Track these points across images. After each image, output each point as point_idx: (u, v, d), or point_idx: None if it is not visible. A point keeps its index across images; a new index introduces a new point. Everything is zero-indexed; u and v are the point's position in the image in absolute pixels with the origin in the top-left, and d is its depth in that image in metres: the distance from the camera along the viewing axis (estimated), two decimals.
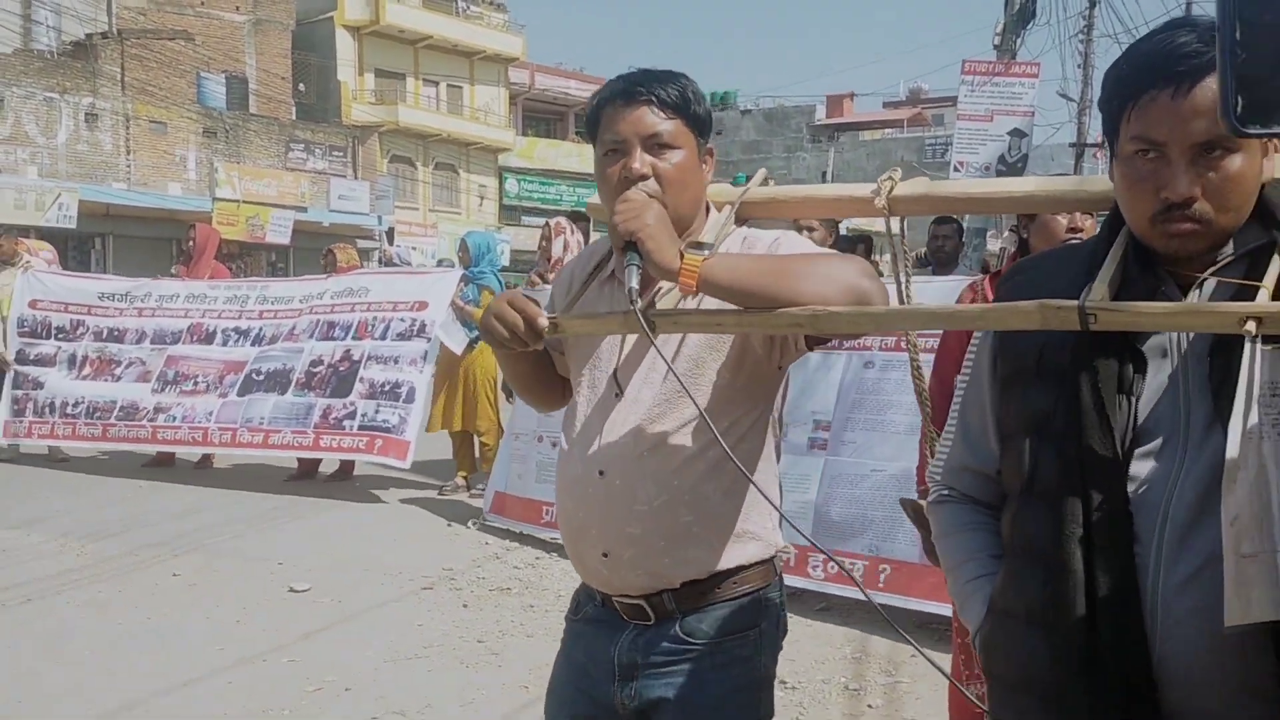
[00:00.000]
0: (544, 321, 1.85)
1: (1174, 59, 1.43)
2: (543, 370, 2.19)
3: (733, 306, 1.74)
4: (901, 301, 2.05)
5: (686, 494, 1.94)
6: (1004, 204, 2.08)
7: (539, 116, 47.10)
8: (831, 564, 5.20)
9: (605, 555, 1.98)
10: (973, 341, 1.78)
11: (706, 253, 1.76)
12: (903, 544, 4.99)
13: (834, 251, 1.95)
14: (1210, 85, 1.40)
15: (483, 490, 8.13)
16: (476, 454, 8.44)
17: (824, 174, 54.96)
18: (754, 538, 2.00)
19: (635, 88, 1.93)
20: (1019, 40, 14.97)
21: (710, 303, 1.81)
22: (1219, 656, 1.40)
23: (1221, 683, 1.41)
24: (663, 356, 1.80)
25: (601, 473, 1.97)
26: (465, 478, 8.35)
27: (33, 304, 9.50)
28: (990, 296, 3.39)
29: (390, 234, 35.93)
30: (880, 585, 5.16)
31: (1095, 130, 27.76)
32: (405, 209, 37.95)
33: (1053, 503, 1.52)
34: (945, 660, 4.33)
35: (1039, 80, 13.49)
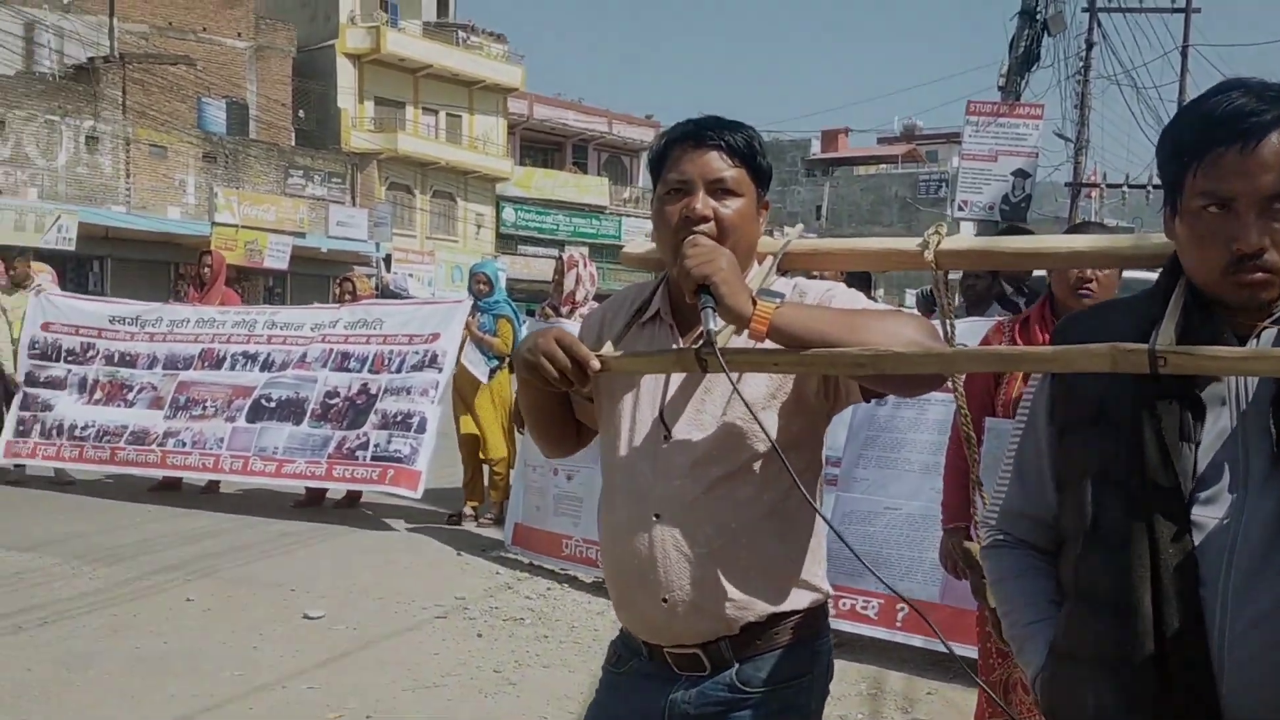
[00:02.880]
0: (596, 364, 1.86)
1: (1239, 117, 1.51)
2: (563, 411, 2.18)
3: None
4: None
5: (744, 537, 1.94)
6: (1051, 260, 2.12)
7: (537, 146, 47.33)
8: (844, 600, 5.23)
9: (664, 601, 1.96)
10: (1029, 387, 1.84)
11: (778, 300, 1.78)
12: (921, 582, 5.01)
13: (896, 308, 1.99)
14: (1274, 141, 1.50)
15: (491, 519, 8.19)
16: (486, 482, 8.48)
17: (818, 208, 55.24)
18: (808, 584, 2.01)
19: (705, 132, 1.96)
20: (1023, 82, 15.14)
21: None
22: None
23: None
24: (738, 391, 1.78)
25: (657, 516, 1.95)
26: (474, 507, 8.38)
27: (45, 326, 9.53)
28: (1020, 339, 3.45)
29: (388, 261, 36.04)
30: (898, 624, 5.20)
31: (1089, 170, 27.99)
32: (403, 236, 38.08)
33: (1118, 547, 1.56)
34: (969, 698, 4.39)
35: (1043, 121, 13.66)
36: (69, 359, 9.44)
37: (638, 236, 49.23)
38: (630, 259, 2.32)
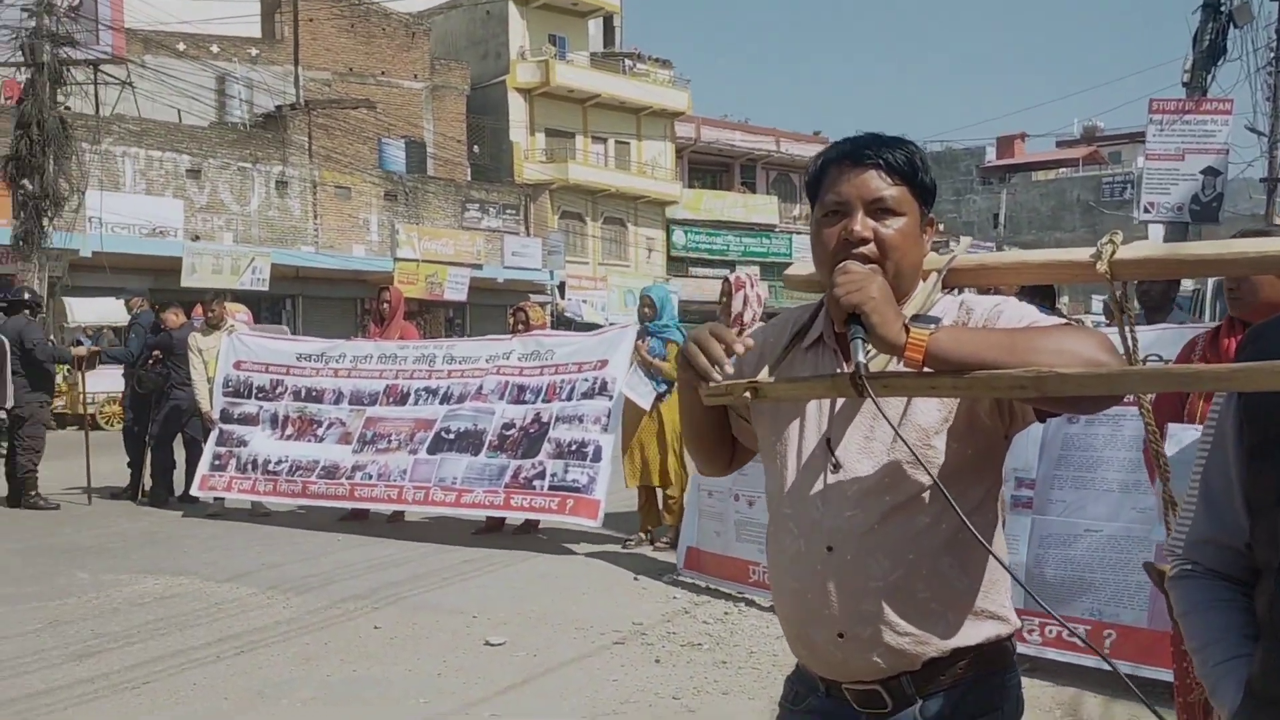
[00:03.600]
0: (740, 348, 1.82)
1: None
2: (717, 427, 2.14)
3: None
4: (1130, 363, 1.97)
5: (922, 568, 1.85)
6: (1242, 266, 1.98)
7: (705, 168, 47.54)
8: (1050, 627, 5.02)
9: (841, 636, 1.89)
10: (1214, 405, 1.71)
11: (933, 327, 1.70)
12: (1131, 609, 4.76)
13: (1065, 320, 1.87)
14: None
15: (667, 544, 8.18)
16: (660, 506, 8.49)
17: (995, 216, 53.92)
18: (992, 615, 1.92)
19: (863, 150, 1.90)
20: (1209, 77, 14.43)
21: None
22: None
23: None
24: (890, 423, 1.74)
25: (830, 548, 1.88)
26: (649, 531, 8.40)
27: (237, 365, 9.98)
28: (1208, 353, 3.27)
29: (562, 288, 36.68)
30: (1107, 651, 4.96)
31: None
32: (575, 263, 38.72)
33: None
34: None
35: (1233, 116, 13.00)
36: (259, 395, 9.85)
37: (808, 254, 48.77)
38: (794, 281, 2.26)
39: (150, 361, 10.58)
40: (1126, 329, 1.94)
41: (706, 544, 7.10)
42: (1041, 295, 5.80)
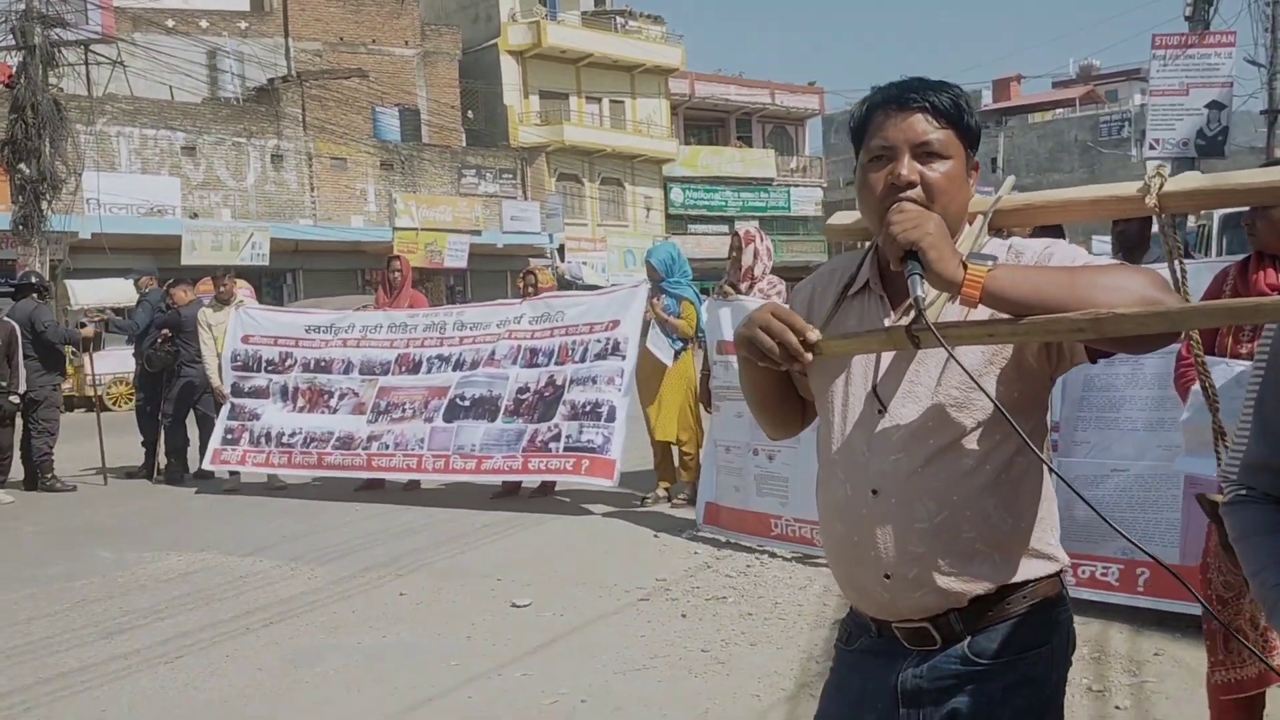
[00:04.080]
0: (814, 335, 1.81)
1: None
2: (786, 390, 2.13)
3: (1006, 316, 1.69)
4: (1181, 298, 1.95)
5: (967, 509, 1.86)
6: None
7: (701, 124, 47.34)
8: (1083, 567, 5.05)
9: (887, 577, 1.91)
10: (1268, 329, 1.71)
11: (990, 263, 1.69)
12: (1161, 546, 4.77)
13: (1119, 262, 1.87)
14: None
15: (684, 500, 8.22)
16: (676, 463, 8.52)
17: (993, 160, 53.61)
18: (1039, 553, 1.93)
19: (908, 94, 1.88)
20: (1212, 9, 14.29)
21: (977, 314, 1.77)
22: None
23: None
24: (956, 360, 1.74)
25: (875, 492, 1.90)
26: (667, 488, 8.44)
27: (245, 339, 9.97)
28: (1239, 285, 3.26)
29: (561, 251, 36.60)
30: (1139, 589, 4.99)
31: None
32: (574, 225, 38.64)
33: None
34: (1197, 656, 4.19)
35: (1236, 48, 12.90)
36: (269, 369, 9.85)
37: (807, 205, 48.76)
38: (835, 230, 2.25)
39: (159, 340, 10.58)
40: (1176, 262, 1.93)
41: (725, 499, 7.13)
42: (1052, 236, 5.76)
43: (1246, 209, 3.23)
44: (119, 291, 17.62)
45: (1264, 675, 3.27)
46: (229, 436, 9.76)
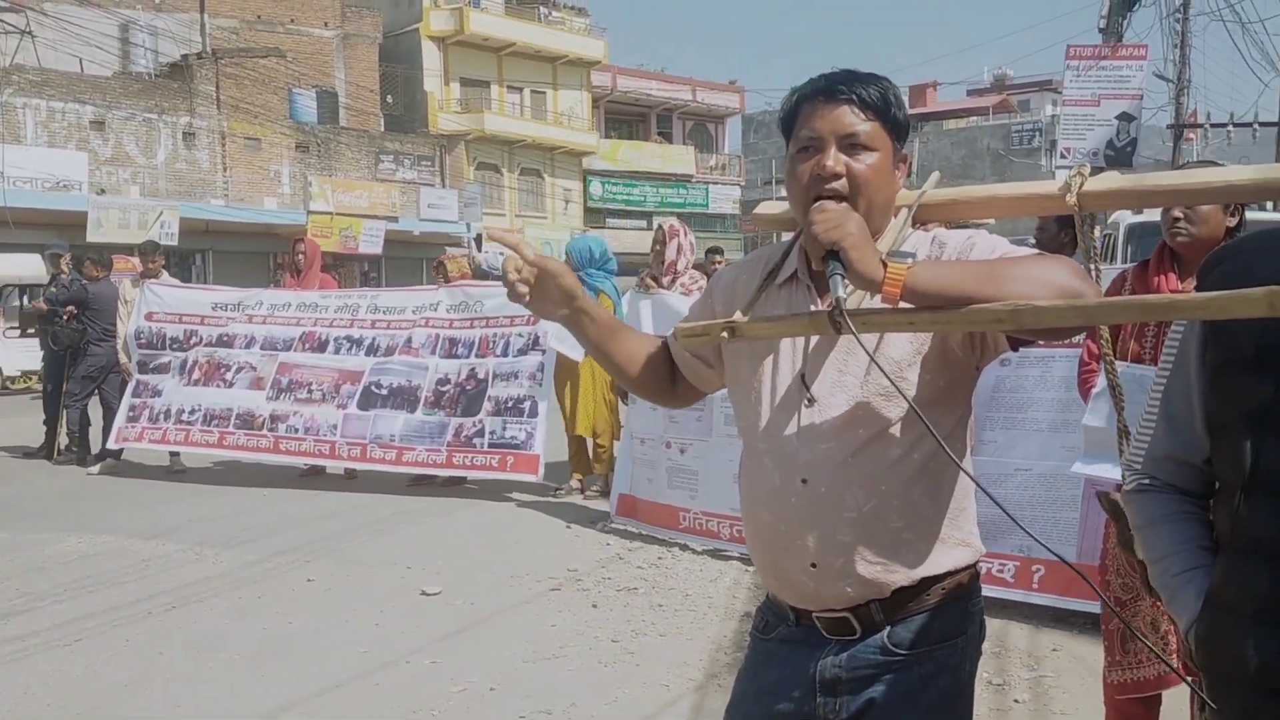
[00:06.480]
0: (520, 259, 1.89)
1: None
2: (661, 364, 2.19)
3: None
4: None
5: (894, 499, 1.89)
6: (1207, 195, 2.03)
7: (622, 118, 47.31)
8: (980, 564, 5.15)
9: (814, 566, 1.93)
10: (1175, 327, 1.77)
11: (910, 261, 1.72)
12: (1056, 545, 4.88)
13: (1039, 252, 1.90)
14: None
15: (598, 492, 8.23)
16: (590, 456, 8.53)
17: (910, 165, 54.34)
18: (960, 543, 1.97)
19: (837, 86, 1.90)
20: (1125, 22, 14.65)
21: None
22: None
23: None
24: (871, 355, 1.76)
25: (805, 481, 1.91)
26: (580, 479, 8.44)
27: (149, 316, 9.75)
28: (1137, 287, 3.36)
29: (479, 241, 36.30)
30: (1034, 586, 5.11)
31: (1190, 110, 27.13)
32: (492, 215, 38.35)
33: None
34: (1094, 652, 4.31)
35: (1147, 62, 13.24)
36: (174, 347, 9.65)
37: (725, 203, 48.98)
38: (762, 220, 2.27)
39: (65, 317, 10.30)
40: (1093, 262, 1.99)
41: (640, 491, 7.16)
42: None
43: (1156, 219, 3.32)
44: (25, 267, 17.12)
45: (1162, 677, 3.36)
46: (131, 414, 9.54)
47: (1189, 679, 1.85)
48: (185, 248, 27.81)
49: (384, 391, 8.72)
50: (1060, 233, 5.98)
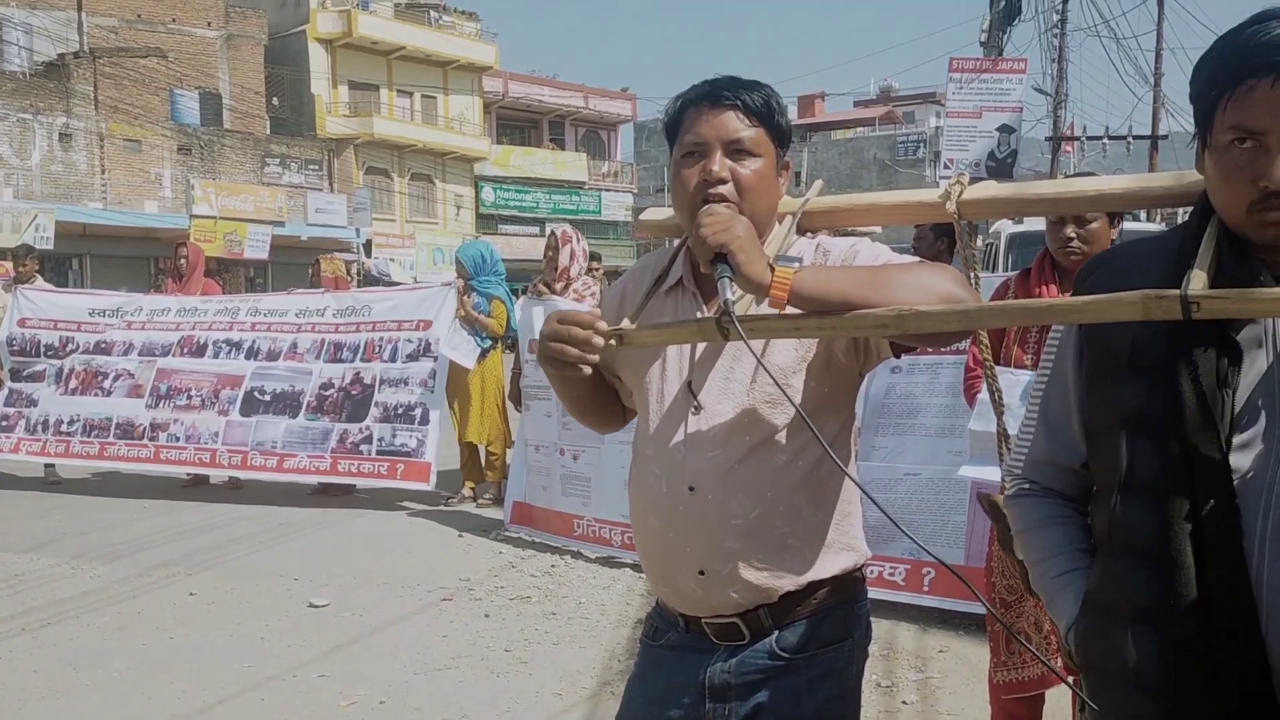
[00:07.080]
0: (603, 325, 1.82)
1: (1272, 49, 1.43)
2: (601, 391, 2.15)
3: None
4: None
5: (780, 505, 1.91)
6: (1082, 203, 2.08)
7: (514, 124, 47.13)
8: (871, 568, 5.23)
9: (701, 573, 1.93)
10: (1053, 334, 1.80)
11: (796, 265, 1.73)
12: (944, 547, 4.99)
13: (922, 260, 1.94)
14: None
15: (490, 500, 8.16)
16: (483, 463, 8.45)
17: (797, 174, 55.14)
18: (845, 547, 1.99)
19: (721, 92, 1.92)
20: (1005, 37, 15.07)
21: None
22: None
23: None
24: (760, 360, 1.77)
25: (692, 489, 1.92)
26: (472, 488, 8.36)
27: (22, 322, 9.43)
28: (1019, 295, 3.44)
29: (368, 246, 35.85)
30: (925, 589, 5.20)
31: (1067, 123, 28.01)
32: (382, 220, 37.90)
33: (1156, 498, 1.52)
34: (979, 653, 4.40)
35: (1027, 75, 13.61)
36: (49, 354, 9.34)
37: (617, 210, 49.12)
38: (648, 227, 2.27)
39: None
40: (972, 269, 2.02)
41: (535, 499, 7.11)
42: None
43: (1037, 229, 3.40)
44: None
45: (1045, 677, 3.44)
46: (5, 424, 9.20)
47: (1069, 679, 1.89)
48: (61, 252, 26.95)
49: (267, 397, 8.53)
50: (937, 240, 6.14)
